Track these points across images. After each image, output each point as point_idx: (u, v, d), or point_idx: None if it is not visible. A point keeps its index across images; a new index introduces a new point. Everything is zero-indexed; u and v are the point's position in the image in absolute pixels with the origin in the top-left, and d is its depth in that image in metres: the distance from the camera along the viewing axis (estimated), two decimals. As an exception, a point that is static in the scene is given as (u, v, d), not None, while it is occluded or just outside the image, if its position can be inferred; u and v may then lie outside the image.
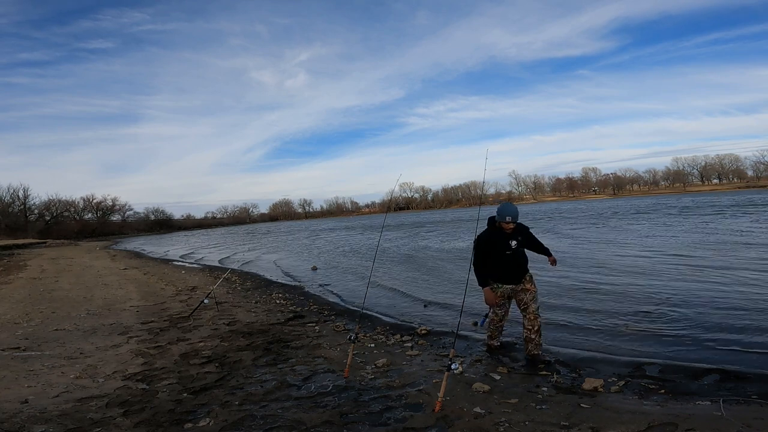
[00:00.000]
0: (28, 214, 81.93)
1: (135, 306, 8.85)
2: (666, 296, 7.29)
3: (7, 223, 67.57)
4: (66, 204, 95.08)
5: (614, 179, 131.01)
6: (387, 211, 10.99)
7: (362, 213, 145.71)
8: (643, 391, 3.85)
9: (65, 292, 11.13)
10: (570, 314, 6.55)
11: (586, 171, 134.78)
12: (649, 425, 3.03)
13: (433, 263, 14.08)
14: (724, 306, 6.45)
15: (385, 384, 4.11)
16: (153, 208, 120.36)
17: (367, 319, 7.07)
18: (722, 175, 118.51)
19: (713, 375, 4.13)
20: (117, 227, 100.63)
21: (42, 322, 7.58)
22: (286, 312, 7.84)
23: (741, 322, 5.65)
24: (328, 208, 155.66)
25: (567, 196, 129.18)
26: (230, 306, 8.45)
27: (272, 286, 11.55)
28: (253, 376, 4.47)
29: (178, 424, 3.44)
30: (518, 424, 3.18)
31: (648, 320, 6.06)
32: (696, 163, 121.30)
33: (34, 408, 3.82)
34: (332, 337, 5.95)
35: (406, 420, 3.34)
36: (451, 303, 8.00)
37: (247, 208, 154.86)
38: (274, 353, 5.24)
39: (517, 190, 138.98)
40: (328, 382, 4.23)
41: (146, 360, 5.16)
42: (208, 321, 7.13)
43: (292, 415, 3.51)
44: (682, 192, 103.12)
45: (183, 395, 4.02)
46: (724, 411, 3.26)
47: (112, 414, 3.65)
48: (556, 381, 4.12)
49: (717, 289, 7.47)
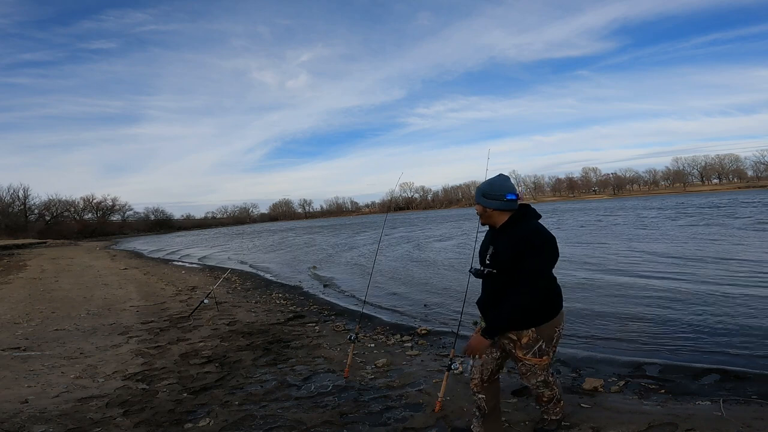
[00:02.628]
0: (28, 214, 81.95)
1: (135, 306, 8.85)
2: (666, 296, 7.29)
3: (7, 223, 67.53)
4: (66, 204, 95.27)
5: (614, 179, 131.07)
6: (387, 211, 10.92)
7: (362, 213, 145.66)
8: (643, 391, 3.85)
9: (65, 292, 11.12)
10: (570, 314, 6.55)
11: (586, 171, 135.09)
12: (649, 425, 3.03)
13: (434, 262, 14.08)
14: (725, 306, 6.45)
15: (385, 384, 4.10)
16: (153, 208, 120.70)
17: (367, 319, 7.07)
18: (722, 175, 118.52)
19: (713, 375, 4.13)
20: (117, 227, 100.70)
21: (42, 322, 7.58)
22: (286, 312, 7.84)
23: (741, 322, 5.65)
24: (328, 208, 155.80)
25: (567, 196, 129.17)
26: (230, 306, 8.45)
27: (272, 286, 11.55)
28: (253, 376, 4.46)
29: (178, 424, 3.44)
30: (518, 424, 3.18)
31: (648, 320, 6.06)
32: (696, 163, 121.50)
33: (34, 408, 3.82)
34: (332, 337, 5.95)
35: (407, 420, 3.34)
36: (452, 303, 8.00)
37: (247, 209, 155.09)
38: (274, 353, 5.24)
39: (517, 190, 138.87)
40: (328, 382, 4.23)
41: (146, 360, 5.16)
42: (208, 321, 7.13)
43: (292, 415, 3.51)
44: (682, 192, 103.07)
45: (183, 395, 4.02)
46: (724, 411, 3.26)
47: (112, 414, 3.65)
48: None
49: (717, 289, 7.47)
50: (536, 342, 2.55)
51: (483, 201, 2.60)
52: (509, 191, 2.54)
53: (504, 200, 2.54)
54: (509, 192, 2.54)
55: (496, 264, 2.52)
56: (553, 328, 2.58)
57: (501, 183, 2.58)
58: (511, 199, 2.54)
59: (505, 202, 2.54)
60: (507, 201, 2.54)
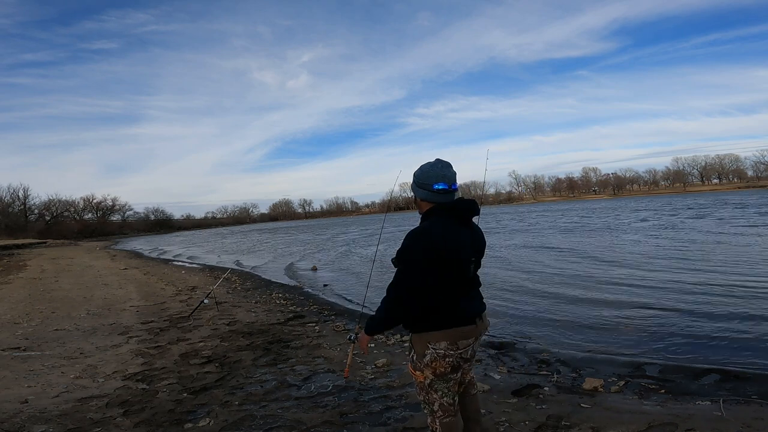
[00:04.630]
0: (28, 214, 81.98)
1: (135, 306, 8.85)
2: (666, 296, 7.29)
3: (7, 223, 67.54)
4: (66, 204, 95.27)
5: (614, 179, 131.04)
6: (387, 211, 10.92)
7: (362, 213, 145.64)
8: (643, 391, 3.85)
9: (65, 292, 11.12)
10: (570, 314, 6.55)
11: (586, 171, 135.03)
12: (649, 425, 3.03)
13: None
14: (725, 306, 6.45)
15: (385, 384, 4.10)
16: (153, 208, 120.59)
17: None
18: (722, 175, 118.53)
19: (713, 375, 4.13)
20: (117, 227, 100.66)
21: (42, 322, 7.58)
22: (286, 312, 7.84)
23: (741, 322, 5.65)
24: (328, 208, 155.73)
25: (567, 196, 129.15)
26: (230, 306, 8.45)
27: (272, 286, 11.55)
28: (253, 376, 4.46)
29: (178, 424, 3.44)
30: (518, 424, 3.18)
31: (648, 320, 6.06)
32: (696, 163, 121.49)
33: (34, 408, 3.81)
34: (332, 337, 5.95)
35: (407, 420, 3.34)
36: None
37: (247, 209, 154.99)
38: (274, 353, 5.23)
39: (517, 190, 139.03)
40: (328, 382, 4.23)
41: (146, 360, 5.16)
42: (208, 321, 7.13)
43: (292, 415, 3.51)
44: (682, 192, 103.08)
45: (183, 395, 4.02)
46: (724, 411, 3.26)
47: (112, 414, 3.65)
48: (556, 381, 4.12)
49: (717, 289, 7.47)
50: (410, 349, 2.28)
51: (414, 189, 2.28)
52: (439, 180, 2.18)
53: (431, 190, 2.19)
54: (439, 181, 2.18)
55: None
56: (424, 344, 2.16)
57: (430, 170, 2.22)
58: (440, 190, 2.18)
59: (432, 192, 2.19)
60: (434, 192, 2.19)
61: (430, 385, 2.22)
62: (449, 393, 2.23)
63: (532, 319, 6.48)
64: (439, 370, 2.17)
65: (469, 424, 2.42)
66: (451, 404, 2.25)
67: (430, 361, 2.17)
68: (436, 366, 2.17)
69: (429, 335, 2.15)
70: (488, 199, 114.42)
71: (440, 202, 2.20)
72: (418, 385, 2.30)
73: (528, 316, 6.63)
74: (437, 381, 2.20)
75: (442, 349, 2.14)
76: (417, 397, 2.38)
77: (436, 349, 2.14)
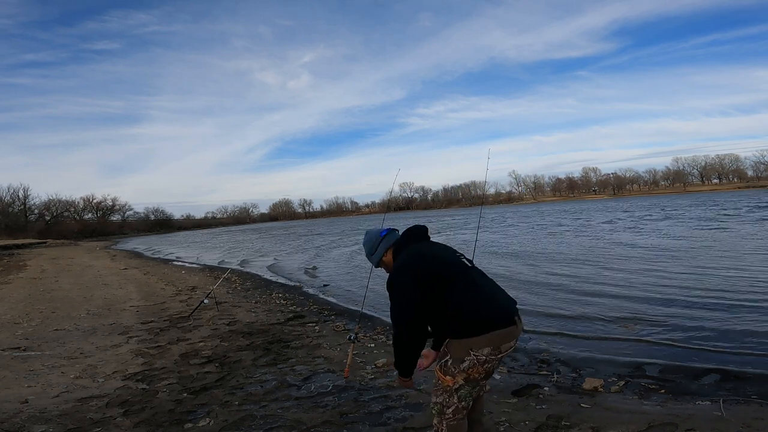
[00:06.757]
0: (28, 214, 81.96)
1: (135, 306, 8.85)
2: (666, 296, 7.29)
3: (7, 223, 67.55)
4: (66, 204, 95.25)
5: (614, 179, 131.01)
6: (386, 211, 10.91)
7: (362, 213, 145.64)
8: (643, 391, 3.85)
9: (65, 292, 11.12)
10: (570, 314, 6.55)
11: (586, 171, 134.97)
12: (649, 425, 3.03)
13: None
14: (725, 306, 6.45)
15: (385, 384, 4.10)
16: (153, 208, 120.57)
17: (367, 319, 7.07)
18: (722, 175, 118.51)
19: (713, 375, 4.13)
20: (117, 227, 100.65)
21: (42, 322, 7.58)
22: (286, 312, 7.84)
23: (741, 322, 5.65)
24: (328, 208, 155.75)
25: (567, 196, 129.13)
26: (230, 306, 8.45)
27: (272, 286, 11.56)
28: (253, 376, 4.46)
29: (178, 424, 3.44)
30: (518, 423, 3.18)
31: (648, 320, 6.06)
32: (696, 163, 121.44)
33: (34, 408, 3.81)
34: (332, 337, 5.95)
35: (407, 420, 3.34)
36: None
37: (247, 208, 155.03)
38: (274, 353, 5.24)
39: (517, 190, 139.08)
40: (328, 382, 4.23)
41: (146, 360, 5.16)
42: (208, 321, 7.13)
43: (292, 415, 3.51)
44: (682, 192, 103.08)
45: (183, 395, 4.02)
46: (724, 411, 3.26)
47: (112, 414, 3.65)
48: (556, 381, 4.12)
49: (718, 289, 7.47)
50: (444, 354, 2.22)
51: (375, 258, 2.52)
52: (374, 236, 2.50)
53: (381, 239, 2.48)
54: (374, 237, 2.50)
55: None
56: (465, 350, 2.11)
57: (367, 239, 2.55)
58: (384, 236, 2.48)
59: (384, 239, 2.47)
60: (385, 237, 2.48)
61: (456, 389, 2.17)
62: (469, 397, 2.20)
63: (532, 318, 6.48)
64: (473, 376, 2.13)
65: (473, 425, 2.40)
66: (466, 408, 2.22)
67: (468, 367, 2.12)
68: (472, 372, 2.12)
69: (471, 341, 2.09)
70: (488, 200, 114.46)
71: (394, 238, 2.45)
72: (441, 388, 2.22)
73: (528, 316, 6.62)
74: (465, 386, 2.15)
75: (484, 355, 2.09)
76: (431, 398, 2.31)
77: (478, 356, 2.09)
